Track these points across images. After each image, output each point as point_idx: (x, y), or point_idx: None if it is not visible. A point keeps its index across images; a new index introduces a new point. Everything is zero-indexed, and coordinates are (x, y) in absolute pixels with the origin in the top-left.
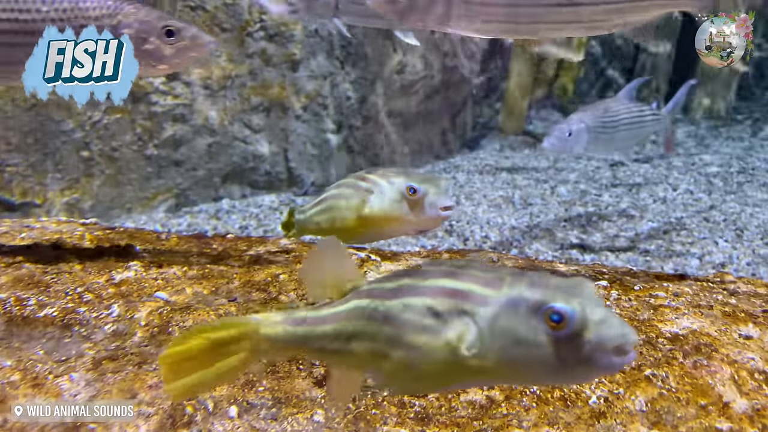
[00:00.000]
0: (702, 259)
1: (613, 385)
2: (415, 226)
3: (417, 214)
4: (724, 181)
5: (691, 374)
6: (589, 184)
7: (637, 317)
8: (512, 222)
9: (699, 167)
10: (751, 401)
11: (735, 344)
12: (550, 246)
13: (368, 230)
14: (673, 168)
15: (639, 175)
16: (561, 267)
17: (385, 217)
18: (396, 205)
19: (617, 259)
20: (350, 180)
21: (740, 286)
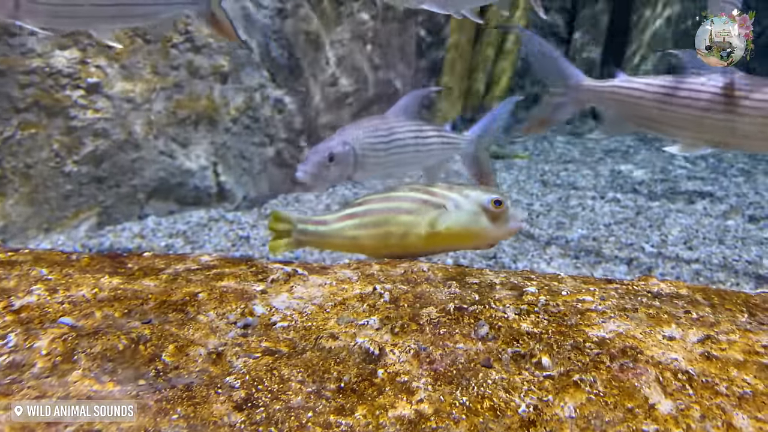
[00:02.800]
0: (630, 264)
1: (543, 392)
2: (492, 240)
3: (499, 227)
4: (649, 188)
5: (618, 378)
6: (521, 194)
7: (565, 322)
8: None
9: (625, 175)
10: (675, 402)
11: (659, 346)
12: (484, 254)
13: (438, 246)
14: (600, 176)
15: (568, 185)
16: (490, 274)
17: (466, 232)
18: (477, 219)
19: (548, 266)
20: (405, 193)
21: (663, 288)
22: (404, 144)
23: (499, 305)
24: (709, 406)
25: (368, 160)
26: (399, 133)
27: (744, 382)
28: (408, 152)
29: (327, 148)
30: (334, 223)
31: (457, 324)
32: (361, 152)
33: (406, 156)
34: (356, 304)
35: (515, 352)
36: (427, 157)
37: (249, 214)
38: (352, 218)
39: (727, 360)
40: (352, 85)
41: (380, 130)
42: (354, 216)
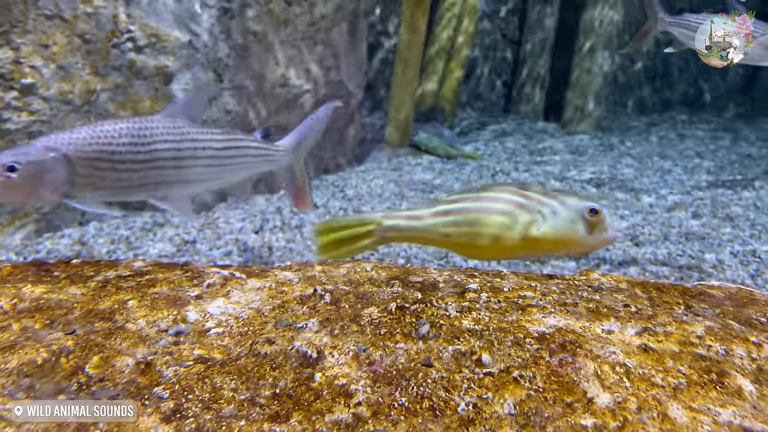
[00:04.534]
0: (578, 260)
1: (482, 389)
2: (587, 249)
3: (594, 236)
4: (597, 186)
5: (558, 372)
6: None
7: (505, 319)
8: None
9: (575, 175)
10: (613, 395)
11: (598, 339)
12: (435, 254)
13: (530, 251)
14: (549, 174)
15: (516, 181)
16: (434, 273)
17: (563, 239)
18: (574, 227)
19: (499, 264)
20: (501, 194)
21: (604, 282)
22: (179, 156)
23: (441, 303)
24: (645, 397)
25: (97, 173)
26: (166, 140)
27: (679, 373)
28: (190, 166)
29: (10, 156)
30: (428, 219)
31: (399, 323)
32: (80, 161)
33: (188, 171)
34: (296, 307)
35: (456, 350)
36: (226, 172)
37: (197, 218)
38: (445, 215)
39: (663, 352)
40: (303, 86)
41: (125, 135)
42: (448, 213)
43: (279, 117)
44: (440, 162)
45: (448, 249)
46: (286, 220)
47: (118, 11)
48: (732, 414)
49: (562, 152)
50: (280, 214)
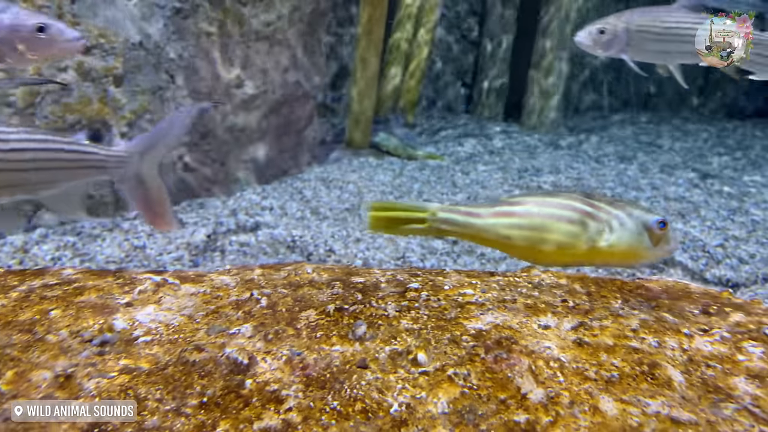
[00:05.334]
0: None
1: (417, 389)
2: (649, 261)
3: (660, 248)
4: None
5: (492, 369)
6: (432, 194)
7: (444, 317)
8: (357, 234)
9: (531, 174)
10: (546, 390)
11: (534, 335)
12: (393, 254)
13: (594, 261)
14: (508, 174)
15: (477, 183)
16: (377, 273)
17: (628, 251)
18: (640, 239)
19: (455, 263)
20: (567, 201)
21: (545, 278)
22: None
23: (381, 303)
24: (577, 391)
25: None
26: None
27: (612, 365)
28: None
29: None
30: (488, 218)
31: (336, 325)
32: None
33: None
34: (230, 312)
35: (393, 350)
36: (23, 181)
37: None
38: (508, 216)
39: (598, 345)
40: (259, 87)
41: None
42: (510, 215)
43: (236, 118)
44: (401, 163)
45: (504, 251)
46: (241, 222)
47: (62, 11)
48: (661, 404)
49: (520, 152)
50: (235, 216)
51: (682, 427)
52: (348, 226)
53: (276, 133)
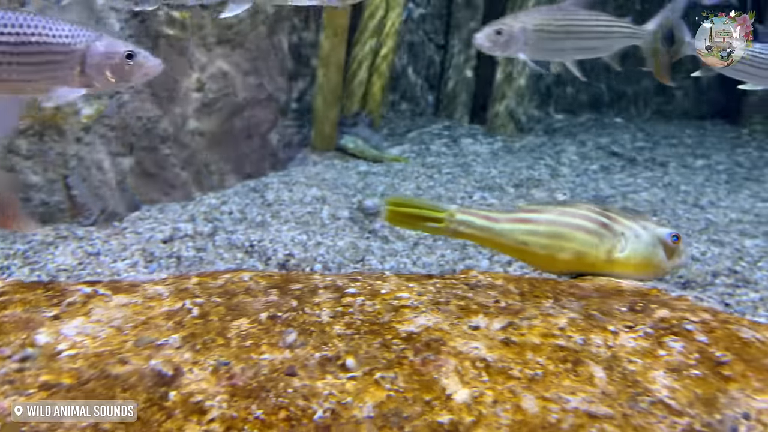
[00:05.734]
0: (491, 259)
1: (343, 394)
2: (662, 273)
3: (672, 261)
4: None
5: (420, 371)
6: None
7: (378, 321)
8: (317, 238)
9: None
10: (471, 390)
11: (463, 336)
12: (353, 257)
13: (609, 272)
14: (470, 176)
15: (441, 186)
16: (317, 278)
17: (642, 263)
18: (655, 252)
19: (414, 265)
20: (585, 212)
21: (481, 279)
22: None
23: (315, 310)
24: (501, 390)
25: None
26: None
27: (537, 364)
28: None
29: None
30: (506, 223)
31: (267, 334)
32: None
33: None
34: (161, 323)
35: (323, 357)
36: None
37: (106, 228)
38: (525, 223)
39: (524, 344)
40: (220, 91)
41: None
42: (528, 221)
43: (197, 121)
44: (366, 165)
45: (518, 257)
46: (198, 228)
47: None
48: (581, 400)
49: (484, 154)
50: (193, 221)
51: (598, 422)
52: (309, 230)
53: (238, 136)
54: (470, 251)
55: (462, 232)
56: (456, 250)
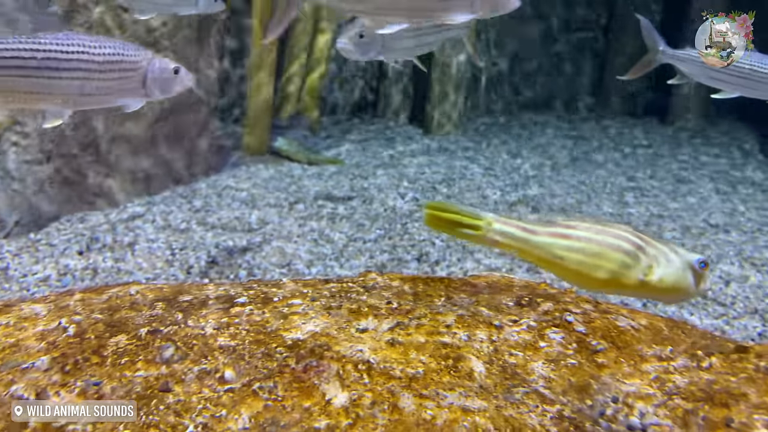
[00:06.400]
0: (420, 260)
1: (218, 408)
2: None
3: (698, 287)
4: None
5: (301, 378)
6: (329, 198)
7: (264, 330)
8: (243, 243)
9: (427, 176)
10: (350, 393)
11: (350, 339)
12: (279, 262)
13: (640, 293)
14: (404, 177)
15: (375, 188)
16: (209, 289)
17: (673, 287)
18: (685, 277)
19: (341, 268)
20: (622, 233)
21: (379, 281)
22: None
23: (201, 322)
24: (381, 391)
25: None
26: None
27: (419, 362)
28: None
29: None
30: (544, 236)
31: (145, 349)
32: None
33: None
34: (32, 344)
35: (201, 370)
36: None
37: (20, 240)
38: (563, 238)
39: (410, 344)
40: None
41: None
42: (566, 237)
43: (121, 127)
44: (300, 168)
45: (553, 271)
46: (118, 238)
47: None
48: (457, 396)
49: (419, 155)
50: (114, 231)
51: (471, 415)
52: (235, 236)
53: (166, 141)
54: (399, 252)
55: (498, 241)
56: (385, 252)
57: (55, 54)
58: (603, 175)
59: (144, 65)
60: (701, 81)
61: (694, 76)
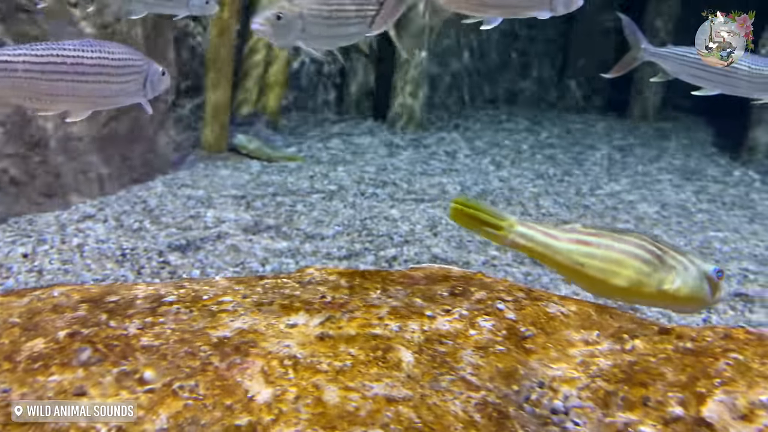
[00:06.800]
0: (377, 255)
1: (139, 410)
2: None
3: (713, 296)
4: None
5: (223, 376)
6: (288, 195)
7: (191, 329)
8: (197, 243)
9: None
10: (274, 389)
11: (278, 335)
12: (233, 261)
13: (657, 302)
14: (365, 174)
15: (334, 184)
16: (138, 288)
17: (690, 296)
18: (702, 286)
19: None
20: (642, 242)
21: (316, 276)
22: None
23: (125, 322)
24: (305, 386)
25: None
26: None
27: (348, 355)
28: None
29: None
30: (566, 242)
31: (61, 353)
32: None
33: None
34: None
35: (120, 372)
36: None
37: None
38: (584, 245)
39: (340, 337)
40: None
41: None
42: (587, 243)
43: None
44: (260, 165)
45: (572, 277)
46: (67, 239)
47: None
48: (383, 386)
49: (381, 151)
50: (63, 232)
51: (395, 404)
52: (189, 235)
53: (121, 140)
54: (357, 248)
55: (520, 243)
56: (343, 248)
57: (82, 59)
58: (562, 169)
59: (146, 68)
60: (682, 78)
61: (676, 74)
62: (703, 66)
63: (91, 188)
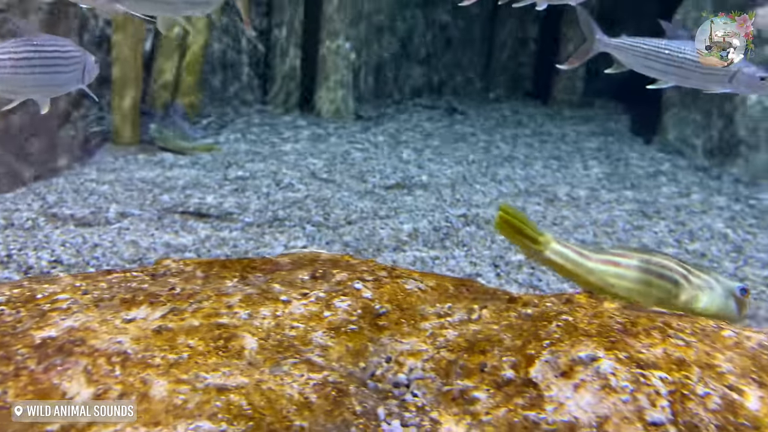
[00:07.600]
0: (287, 247)
1: None
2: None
3: (740, 313)
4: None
5: (39, 380)
6: (198, 188)
7: (14, 330)
8: (95, 240)
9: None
10: (97, 387)
11: (111, 332)
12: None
13: None
14: (283, 164)
15: (250, 176)
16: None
17: (716, 315)
18: (728, 305)
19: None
20: (669, 262)
21: (172, 268)
22: None
23: None
24: (132, 382)
25: None
26: None
27: (187, 347)
28: None
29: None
30: (597, 264)
31: None
32: None
33: None
34: None
35: None
36: None
37: None
38: (615, 266)
39: (180, 329)
40: None
41: None
42: (618, 265)
43: None
44: (173, 157)
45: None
46: None
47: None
48: (219, 376)
49: (303, 141)
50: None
51: (225, 393)
52: (87, 232)
53: (20, 135)
54: (266, 239)
55: (553, 260)
56: (251, 240)
57: (48, 53)
58: (480, 156)
59: (84, 58)
60: (636, 70)
61: (630, 65)
62: (656, 57)
63: None
